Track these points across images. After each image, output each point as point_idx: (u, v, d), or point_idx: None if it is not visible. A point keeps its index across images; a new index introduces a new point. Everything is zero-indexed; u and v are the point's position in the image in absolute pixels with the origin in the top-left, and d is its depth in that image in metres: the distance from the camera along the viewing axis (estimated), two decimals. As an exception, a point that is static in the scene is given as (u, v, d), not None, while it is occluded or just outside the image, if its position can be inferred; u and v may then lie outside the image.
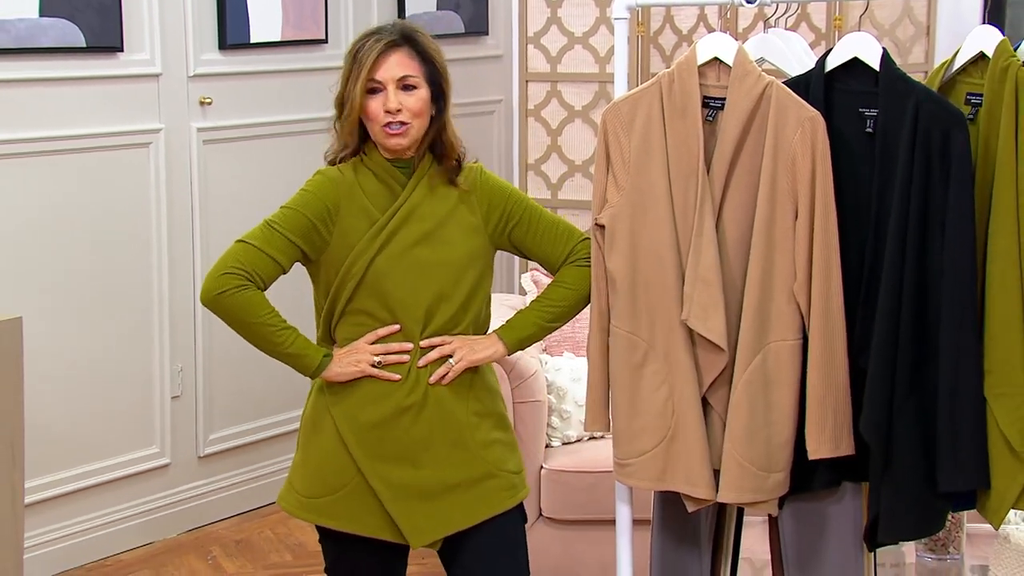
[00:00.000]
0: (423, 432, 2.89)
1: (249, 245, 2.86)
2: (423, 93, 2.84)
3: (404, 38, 2.85)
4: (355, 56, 2.83)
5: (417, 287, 2.87)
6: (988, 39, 2.91)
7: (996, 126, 2.86)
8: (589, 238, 3.02)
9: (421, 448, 2.89)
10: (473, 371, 2.94)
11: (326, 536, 3.01)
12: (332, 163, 2.93)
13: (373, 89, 2.83)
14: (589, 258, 3.01)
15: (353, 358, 2.87)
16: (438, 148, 2.91)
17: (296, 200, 2.89)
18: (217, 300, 2.83)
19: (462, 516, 2.93)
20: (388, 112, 2.81)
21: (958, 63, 2.97)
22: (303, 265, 2.94)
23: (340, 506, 2.91)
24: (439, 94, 2.88)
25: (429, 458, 2.90)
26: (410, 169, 2.90)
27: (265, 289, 2.88)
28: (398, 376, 2.86)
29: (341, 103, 2.87)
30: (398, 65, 2.83)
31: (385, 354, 2.86)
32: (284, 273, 2.90)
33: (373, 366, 2.86)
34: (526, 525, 3.04)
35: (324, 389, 2.94)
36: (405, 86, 2.83)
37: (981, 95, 2.90)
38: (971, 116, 2.91)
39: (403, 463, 2.89)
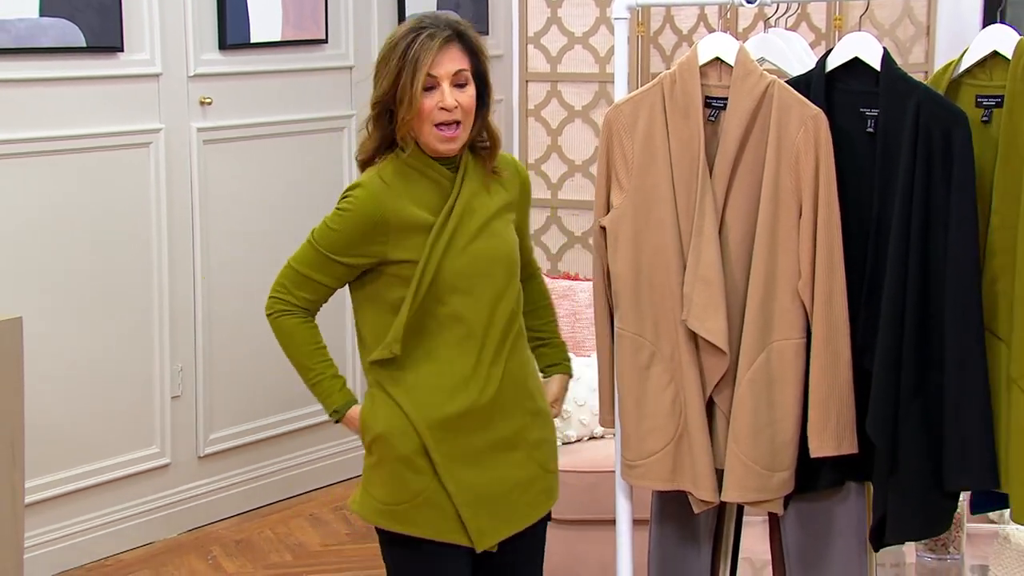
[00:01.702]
0: (489, 432, 2.85)
1: (292, 269, 2.86)
2: (472, 90, 2.78)
3: (455, 33, 2.76)
4: (405, 52, 2.71)
5: (480, 285, 2.81)
6: (1002, 39, 2.89)
7: (1021, 123, 2.84)
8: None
9: (488, 448, 2.85)
10: (526, 371, 2.91)
11: (395, 542, 2.89)
12: (366, 162, 2.84)
13: (428, 87, 2.73)
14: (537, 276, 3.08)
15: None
16: (483, 140, 2.85)
17: (339, 220, 2.78)
18: (269, 320, 2.91)
19: (519, 518, 2.91)
20: (444, 109, 2.73)
21: (967, 63, 2.95)
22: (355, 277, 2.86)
23: (420, 512, 2.84)
24: (483, 87, 2.82)
25: (492, 459, 2.86)
26: (454, 163, 2.83)
27: (316, 310, 2.88)
28: None
29: (382, 102, 2.76)
30: (452, 61, 2.74)
31: None
32: (340, 287, 2.86)
33: None
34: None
35: (385, 388, 2.84)
36: (457, 83, 2.75)
37: (993, 96, 2.89)
38: (986, 118, 2.90)
39: (472, 464, 2.85)
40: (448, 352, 2.81)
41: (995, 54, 2.91)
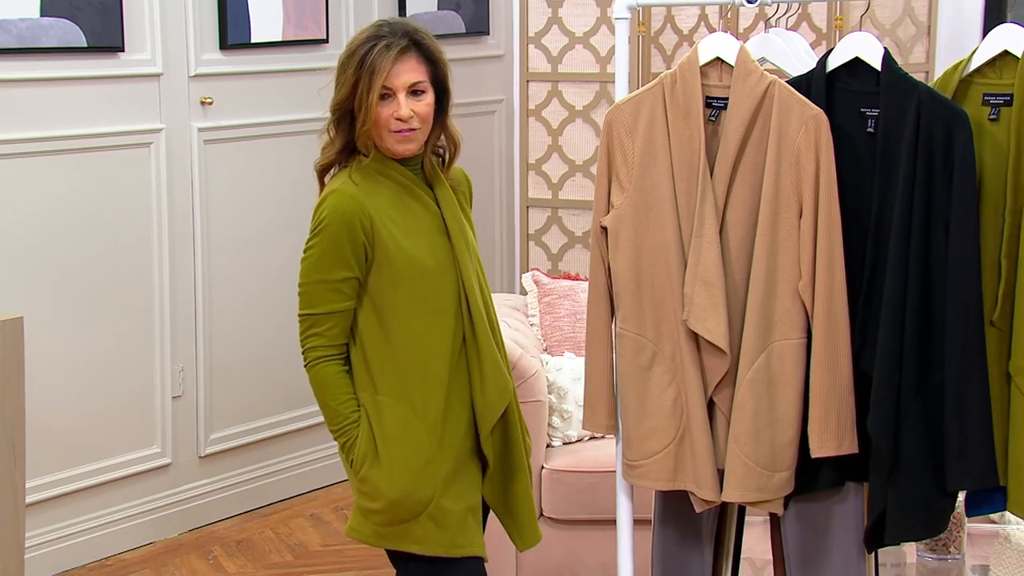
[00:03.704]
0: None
1: (308, 316, 2.80)
2: (430, 97, 2.80)
3: (412, 43, 2.79)
4: (362, 62, 2.75)
5: (481, 293, 2.88)
6: (1013, 38, 2.89)
7: None
8: None
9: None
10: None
11: (410, 557, 2.90)
12: (326, 167, 2.87)
13: (383, 95, 2.77)
14: None
15: None
16: (444, 142, 2.89)
17: (321, 237, 2.77)
18: (307, 370, 2.83)
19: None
20: (399, 120, 2.76)
21: (976, 62, 2.94)
22: None
23: (423, 528, 2.87)
24: (442, 93, 2.85)
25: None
26: (417, 164, 2.86)
27: (347, 338, 2.82)
28: None
29: (341, 108, 2.80)
30: (409, 72, 2.77)
31: None
32: (355, 303, 2.81)
33: None
34: None
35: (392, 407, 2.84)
36: (414, 92, 2.78)
37: (1001, 95, 2.89)
38: (994, 116, 2.90)
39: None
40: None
41: (1005, 53, 2.91)
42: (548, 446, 4.10)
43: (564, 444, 4.14)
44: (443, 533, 2.83)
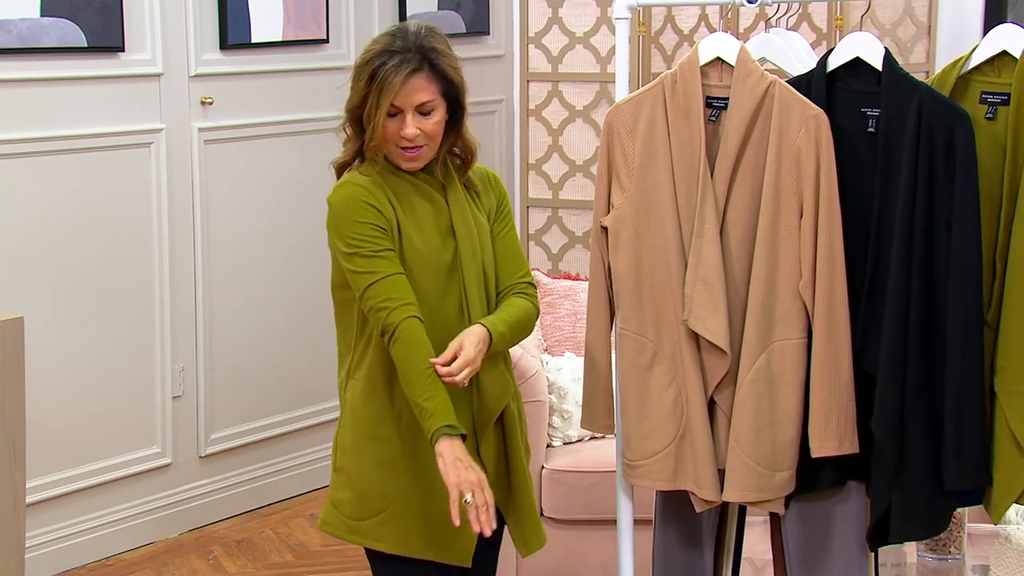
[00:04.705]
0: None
1: (374, 284, 2.70)
2: (439, 115, 2.76)
3: (424, 60, 2.74)
4: (373, 77, 2.72)
5: (481, 295, 2.83)
6: (1012, 38, 2.89)
7: None
8: (530, 274, 2.94)
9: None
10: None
11: (382, 560, 2.87)
12: (344, 165, 2.85)
13: (391, 114, 2.74)
14: (530, 293, 2.89)
15: (466, 473, 2.64)
16: (459, 152, 2.85)
17: (353, 219, 2.74)
18: (396, 332, 2.69)
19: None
20: (405, 138, 2.74)
21: (975, 60, 2.95)
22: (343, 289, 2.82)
23: (392, 525, 2.83)
24: (455, 106, 2.80)
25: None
26: (429, 168, 2.83)
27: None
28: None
29: (353, 113, 2.78)
30: (418, 92, 2.73)
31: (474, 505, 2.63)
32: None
33: (462, 500, 2.62)
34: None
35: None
36: (422, 110, 2.74)
37: (999, 93, 2.89)
38: (990, 115, 2.90)
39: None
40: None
41: (1004, 53, 2.91)
42: (548, 446, 4.10)
43: (564, 444, 4.14)
44: (405, 533, 2.79)
